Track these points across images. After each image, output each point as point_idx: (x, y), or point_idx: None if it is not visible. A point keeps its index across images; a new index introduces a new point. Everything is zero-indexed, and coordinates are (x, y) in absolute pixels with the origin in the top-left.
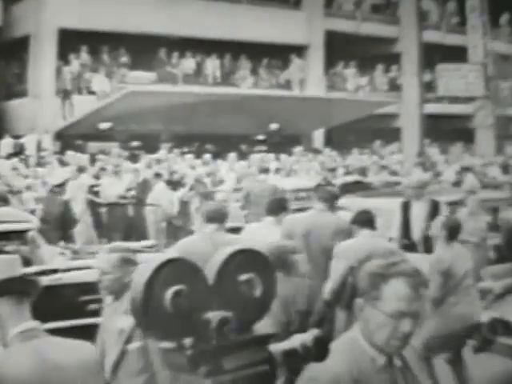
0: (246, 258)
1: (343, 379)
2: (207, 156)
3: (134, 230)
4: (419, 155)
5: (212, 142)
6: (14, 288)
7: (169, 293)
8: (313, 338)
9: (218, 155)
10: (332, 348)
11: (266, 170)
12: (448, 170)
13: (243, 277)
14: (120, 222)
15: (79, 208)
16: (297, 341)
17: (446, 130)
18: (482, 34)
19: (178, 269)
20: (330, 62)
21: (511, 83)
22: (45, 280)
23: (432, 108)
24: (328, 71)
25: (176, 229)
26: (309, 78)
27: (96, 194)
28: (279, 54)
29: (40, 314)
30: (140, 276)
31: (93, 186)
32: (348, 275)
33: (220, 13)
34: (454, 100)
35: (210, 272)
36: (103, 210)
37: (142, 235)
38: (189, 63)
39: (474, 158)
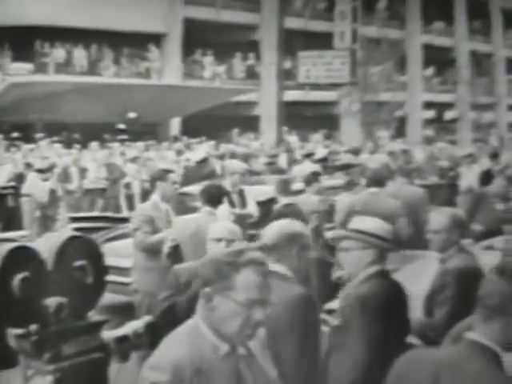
0: (80, 245)
1: (185, 367)
2: (57, 145)
3: (12, 220)
4: (278, 143)
5: (79, 130)
6: None
7: (16, 280)
8: (144, 324)
9: (83, 144)
10: (173, 336)
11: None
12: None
13: (77, 263)
14: (0, 212)
15: None
16: (129, 327)
17: (309, 117)
18: (351, 19)
19: (24, 256)
20: (189, 50)
21: (382, 68)
22: None
23: (293, 95)
24: (186, 59)
25: (47, 218)
26: (167, 67)
27: None
28: (140, 43)
29: None
30: None
31: None
32: None
33: (84, 1)
34: (318, 87)
35: (49, 257)
36: None
37: (19, 225)
38: (59, 53)
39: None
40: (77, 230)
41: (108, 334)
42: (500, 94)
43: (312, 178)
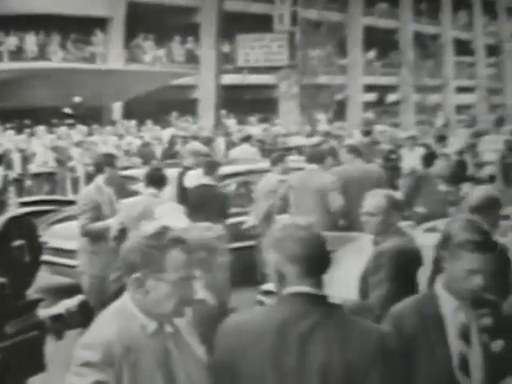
0: (18, 225)
1: (114, 346)
2: (10, 132)
3: None
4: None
5: (29, 116)
6: None
7: None
8: (77, 303)
9: (33, 129)
10: (103, 315)
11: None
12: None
13: (16, 243)
14: None
15: None
16: (63, 306)
17: (247, 100)
18: (291, 1)
19: None
20: (132, 34)
21: (321, 51)
22: None
23: (232, 79)
24: (129, 44)
25: (1, 204)
26: (110, 51)
27: None
28: (86, 28)
29: None
30: None
31: None
32: None
33: None
34: (256, 70)
35: None
36: None
37: None
38: (12, 40)
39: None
40: (27, 214)
41: (43, 313)
42: (447, 75)
43: (278, 158)
